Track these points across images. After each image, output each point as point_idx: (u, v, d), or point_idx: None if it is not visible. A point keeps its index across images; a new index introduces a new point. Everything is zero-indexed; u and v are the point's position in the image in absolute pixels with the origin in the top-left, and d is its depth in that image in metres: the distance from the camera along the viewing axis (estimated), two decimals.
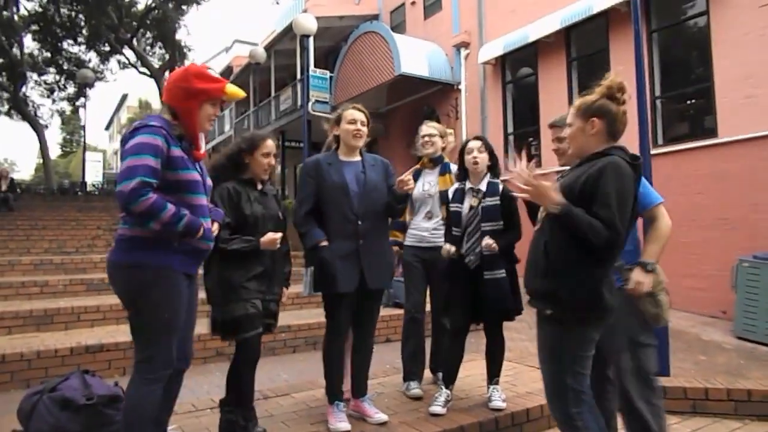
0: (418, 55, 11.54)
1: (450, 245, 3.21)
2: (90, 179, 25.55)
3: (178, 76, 2.28)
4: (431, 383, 3.69)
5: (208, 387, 3.97)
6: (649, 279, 2.36)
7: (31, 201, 13.66)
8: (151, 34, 23.85)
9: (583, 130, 2.19)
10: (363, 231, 2.96)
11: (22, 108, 23.16)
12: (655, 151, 6.60)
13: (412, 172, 3.10)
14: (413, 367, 3.59)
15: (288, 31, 13.78)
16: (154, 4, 22.29)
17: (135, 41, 22.72)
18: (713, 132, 7.02)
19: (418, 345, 3.59)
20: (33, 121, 23.69)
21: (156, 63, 23.40)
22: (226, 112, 20.91)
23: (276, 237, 2.79)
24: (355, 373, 3.13)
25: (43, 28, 21.87)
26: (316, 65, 14.20)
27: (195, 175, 2.27)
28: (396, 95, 13.06)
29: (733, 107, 6.76)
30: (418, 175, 3.66)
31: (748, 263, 5.55)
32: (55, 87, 24.77)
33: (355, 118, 3.07)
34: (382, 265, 3.06)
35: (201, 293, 2.59)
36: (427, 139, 3.68)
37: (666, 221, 2.51)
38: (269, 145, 2.92)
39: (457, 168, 3.52)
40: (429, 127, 3.73)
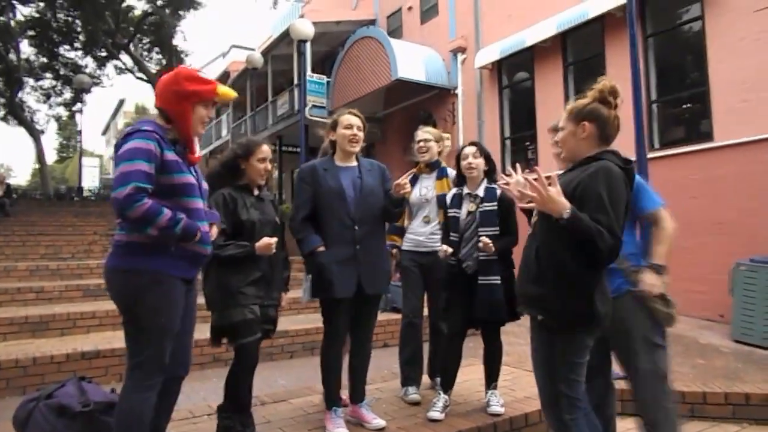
0: (415, 60, 11.56)
1: (447, 246, 3.21)
2: (87, 184, 25.60)
3: (168, 80, 2.27)
4: (429, 388, 3.68)
5: (204, 393, 3.95)
6: (661, 281, 2.38)
7: (27, 206, 13.63)
8: (148, 39, 23.97)
9: (574, 134, 2.18)
10: (360, 236, 2.96)
11: (18, 113, 23.17)
12: (651, 155, 6.61)
13: (408, 176, 3.10)
14: (411, 372, 3.58)
15: (285, 36, 13.82)
16: (151, 9, 22.36)
17: (132, 46, 22.80)
18: (709, 136, 7.05)
19: (415, 350, 3.58)
20: (29, 127, 23.72)
21: (153, 68, 23.47)
22: (223, 116, 20.93)
23: (271, 242, 2.78)
24: (353, 379, 3.12)
25: (40, 33, 21.94)
26: (313, 70, 14.24)
27: (189, 179, 2.25)
28: (393, 100, 13.09)
29: (728, 111, 6.79)
30: (416, 180, 3.66)
31: (746, 267, 5.56)
32: (51, 92, 24.86)
33: (351, 123, 3.07)
34: (379, 270, 3.06)
35: (200, 299, 2.58)
36: (423, 144, 3.67)
37: (670, 223, 2.53)
38: (265, 150, 2.92)
39: (455, 174, 3.52)
40: (424, 132, 3.72)
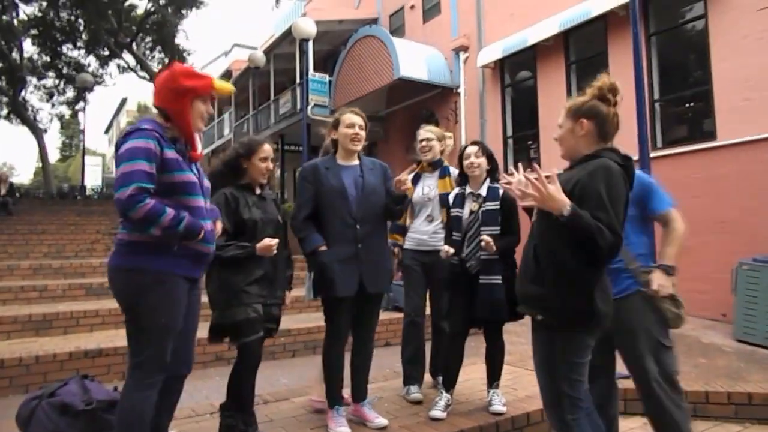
0: (417, 59, 11.56)
1: (449, 246, 3.21)
2: (89, 183, 25.64)
3: (165, 78, 2.26)
4: (431, 387, 3.68)
5: (207, 392, 3.95)
6: (671, 282, 2.39)
7: (30, 205, 13.64)
8: (150, 38, 23.98)
9: (573, 131, 2.17)
10: (362, 235, 2.96)
11: (21, 112, 23.22)
12: (653, 154, 6.60)
13: (409, 172, 3.09)
14: (413, 371, 3.58)
15: (287, 35, 13.82)
16: (153, 8, 22.38)
17: (134, 45, 22.82)
18: (712, 135, 7.04)
19: (417, 349, 3.58)
20: (32, 126, 23.77)
21: (155, 67, 23.48)
22: (225, 115, 20.94)
23: (272, 243, 2.77)
24: (355, 377, 3.12)
25: (43, 32, 21.98)
26: (315, 69, 14.24)
27: (190, 177, 2.25)
28: (395, 99, 13.09)
29: (731, 110, 6.78)
30: (418, 179, 3.65)
31: (748, 266, 5.55)
32: (54, 91, 24.91)
33: (353, 122, 3.06)
34: (381, 269, 3.05)
35: (204, 297, 2.58)
36: (425, 143, 3.66)
37: (680, 224, 2.52)
38: (267, 149, 2.92)
39: (457, 173, 3.52)
40: (426, 131, 3.71)
